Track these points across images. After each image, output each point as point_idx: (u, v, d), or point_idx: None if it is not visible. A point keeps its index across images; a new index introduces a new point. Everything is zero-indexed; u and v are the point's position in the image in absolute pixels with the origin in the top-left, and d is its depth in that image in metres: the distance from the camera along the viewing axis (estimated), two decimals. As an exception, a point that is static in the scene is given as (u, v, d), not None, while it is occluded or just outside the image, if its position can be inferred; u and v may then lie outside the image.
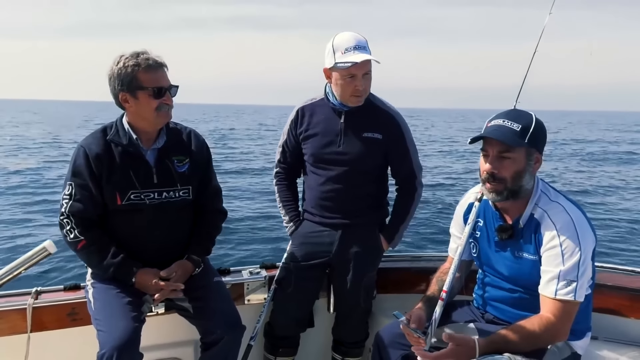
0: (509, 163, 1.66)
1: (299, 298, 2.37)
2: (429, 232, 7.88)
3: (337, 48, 2.11)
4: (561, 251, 1.61)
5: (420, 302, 1.93)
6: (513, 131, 1.64)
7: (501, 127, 1.66)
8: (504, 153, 1.66)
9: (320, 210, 2.32)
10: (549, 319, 1.61)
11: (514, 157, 1.66)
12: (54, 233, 6.15)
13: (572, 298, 1.59)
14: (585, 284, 1.62)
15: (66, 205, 1.95)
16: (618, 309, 2.12)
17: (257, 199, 10.51)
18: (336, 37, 2.15)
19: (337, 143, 2.23)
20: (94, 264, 2.00)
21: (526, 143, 1.64)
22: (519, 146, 1.65)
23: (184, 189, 2.05)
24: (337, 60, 2.11)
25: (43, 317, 2.09)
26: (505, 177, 1.67)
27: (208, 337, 2.03)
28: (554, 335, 1.62)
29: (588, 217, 1.69)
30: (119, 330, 1.80)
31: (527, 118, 1.68)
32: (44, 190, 11.36)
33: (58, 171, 14.03)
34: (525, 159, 1.67)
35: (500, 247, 1.81)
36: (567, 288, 1.59)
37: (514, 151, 1.65)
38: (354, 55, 2.08)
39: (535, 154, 1.69)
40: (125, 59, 1.90)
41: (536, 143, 1.68)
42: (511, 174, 1.66)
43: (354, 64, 2.07)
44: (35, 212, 9.17)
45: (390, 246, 2.38)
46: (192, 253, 2.10)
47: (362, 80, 2.13)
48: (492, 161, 1.68)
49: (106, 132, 2.00)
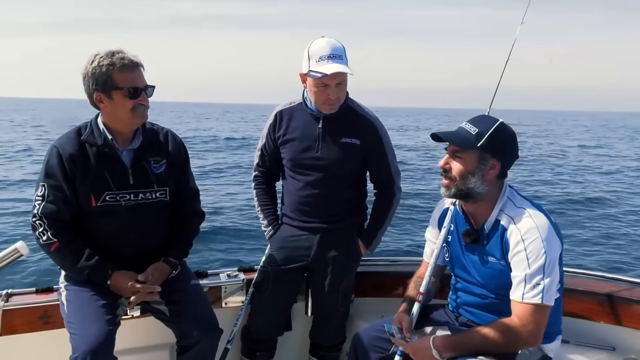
0: (458, 162, 1.75)
1: (277, 301, 2.36)
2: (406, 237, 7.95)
3: (312, 55, 2.11)
4: (526, 255, 1.65)
5: (403, 305, 1.96)
6: (469, 134, 1.73)
7: (461, 129, 1.76)
8: (457, 153, 1.75)
9: (299, 215, 2.32)
10: (513, 321, 1.64)
11: (465, 158, 1.74)
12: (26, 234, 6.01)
13: (539, 300, 1.62)
14: (553, 286, 1.65)
15: (39, 207, 1.91)
16: (588, 314, 2.17)
17: (236, 201, 10.45)
18: (313, 43, 2.14)
19: (315, 148, 2.24)
20: (67, 267, 1.96)
21: (478, 147, 1.71)
22: (468, 148, 1.72)
23: (161, 190, 2.03)
24: (311, 68, 2.11)
25: (14, 320, 2.04)
26: (454, 175, 1.75)
27: (184, 340, 2.01)
28: (521, 338, 1.64)
29: (554, 223, 1.73)
30: (93, 334, 1.77)
31: (487, 124, 1.74)
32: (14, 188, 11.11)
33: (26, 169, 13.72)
34: (476, 162, 1.73)
35: (469, 251, 1.85)
36: (533, 291, 1.62)
37: (464, 152, 1.74)
38: (327, 65, 2.08)
39: (491, 160, 1.73)
40: (100, 57, 1.87)
41: (492, 149, 1.72)
42: (459, 173, 1.74)
43: (325, 75, 2.08)
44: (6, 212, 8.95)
45: (369, 250, 2.39)
46: (169, 255, 2.07)
47: (335, 89, 2.13)
48: (447, 158, 1.78)
49: (80, 133, 1.96)
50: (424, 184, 13.20)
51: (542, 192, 12.47)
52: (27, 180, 11.95)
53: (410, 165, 16.80)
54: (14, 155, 17.98)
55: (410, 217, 9.06)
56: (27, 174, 12.99)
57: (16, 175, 13.23)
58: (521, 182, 13.44)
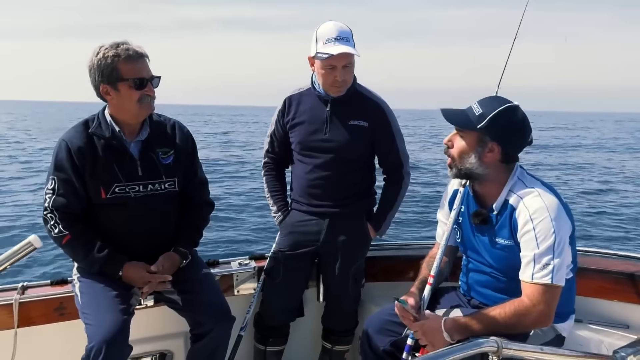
0: (458, 141, 1.75)
1: (288, 288, 2.38)
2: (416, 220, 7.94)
3: (320, 37, 2.13)
4: (535, 235, 1.63)
5: (414, 286, 1.95)
6: (472, 115, 1.71)
7: (469, 109, 1.74)
8: (459, 132, 1.75)
9: (308, 199, 2.32)
10: (523, 302, 1.63)
11: (465, 138, 1.73)
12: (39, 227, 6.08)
13: (549, 281, 1.60)
14: (563, 267, 1.63)
15: (49, 200, 1.93)
16: (601, 292, 2.16)
17: (245, 189, 10.47)
18: (321, 26, 2.16)
19: (323, 131, 2.24)
20: (79, 259, 1.98)
21: (477, 129, 1.68)
22: (467, 129, 1.71)
23: (170, 181, 2.04)
24: (318, 50, 2.13)
25: (30, 312, 2.07)
26: (453, 154, 1.76)
27: (198, 328, 2.03)
28: (532, 319, 1.63)
29: (565, 202, 1.70)
30: (108, 323, 1.79)
31: (493, 106, 1.69)
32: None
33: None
34: (475, 143, 1.71)
35: (479, 232, 1.84)
36: (543, 271, 1.61)
37: (465, 132, 1.73)
38: (334, 46, 2.09)
39: (490, 143, 1.70)
40: (105, 49, 1.86)
41: (493, 132, 1.68)
42: (457, 152, 1.75)
43: (332, 56, 2.09)
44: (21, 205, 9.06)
45: (378, 234, 2.39)
46: (179, 245, 2.08)
47: (342, 71, 2.14)
48: (452, 134, 1.78)
49: (88, 125, 1.97)
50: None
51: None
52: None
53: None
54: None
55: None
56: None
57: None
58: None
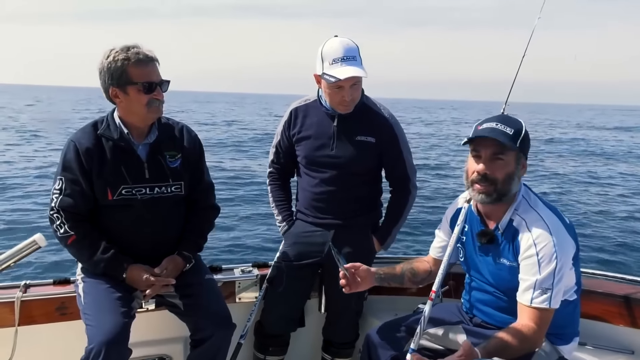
0: (501, 164, 1.67)
1: (290, 297, 2.37)
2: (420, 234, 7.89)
3: (326, 57, 2.09)
4: (537, 260, 1.62)
5: (381, 269, 1.96)
6: (507, 134, 1.66)
7: (495, 129, 1.67)
8: (498, 155, 1.66)
9: (313, 211, 2.31)
10: (526, 327, 1.63)
11: (507, 160, 1.67)
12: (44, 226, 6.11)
13: (547, 306, 1.61)
14: (561, 291, 1.63)
15: (56, 200, 1.94)
16: (606, 316, 2.13)
17: (250, 197, 10.48)
18: (326, 44, 2.11)
19: (330, 146, 2.23)
20: (84, 259, 1.99)
21: (517, 147, 1.67)
22: (512, 149, 1.66)
23: (176, 184, 2.04)
24: (325, 70, 2.09)
25: (32, 311, 2.07)
26: (497, 178, 1.67)
27: (198, 334, 2.02)
28: (531, 343, 1.63)
29: (568, 224, 1.70)
30: (108, 325, 1.79)
31: (518, 124, 1.71)
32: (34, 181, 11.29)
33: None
34: (515, 162, 1.69)
35: (483, 252, 1.83)
36: (542, 296, 1.61)
37: (506, 154, 1.66)
38: (340, 68, 2.05)
39: (522, 160, 1.71)
40: (116, 52, 1.88)
41: (524, 149, 1.70)
42: (503, 175, 1.67)
43: (339, 80, 2.05)
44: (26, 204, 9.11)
45: (383, 248, 2.38)
46: (183, 249, 2.09)
47: (349, 90, 2.11)
48: (486, 161, 1.68)
49: (97, 127, 1.99)
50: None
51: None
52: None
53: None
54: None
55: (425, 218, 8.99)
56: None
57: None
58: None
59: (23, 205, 9.09)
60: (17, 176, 12.03)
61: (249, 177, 12.49)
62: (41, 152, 16.52)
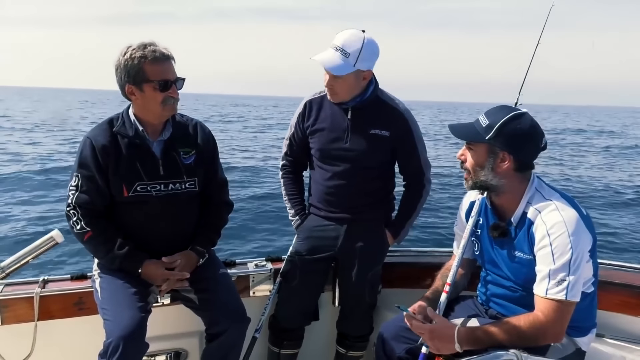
0: (471, 154, 1.74)
1: (304, 291, 2.38)
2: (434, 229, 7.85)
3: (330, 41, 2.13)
4: (551, 250, 1.60)
5: (423, 297, 1.93)
6: (479, 126, 1.69)
7: (476, 121, 1.72)
8: (470, 145, 1.74)
9: (326, 205, 2.31)
10: (538, 317, 1.61)
11: (476, 150, 1.72)
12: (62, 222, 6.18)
13: (563, 297, 1.58)
14: (579, 283, 1.60)
15: (73, 197, 1.96)
16: (625, 307, 2.11)
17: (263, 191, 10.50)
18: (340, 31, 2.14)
19: (343, 139, 2.22)
20: (100, 255, 2.01)
21: (486, 140, 1.66)
22: (476, 141, 1.70)
23: (190, 181, 2.06)
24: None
25: (50, 306, 2.11)
26: (467, 168, 1.75)
27: (213, 328, 2.04)
28: (544, 334, 1.61)
29: (585, 215, 1.67)
30: (126, 320, 1.81)
31: (499, 116, 1.67)
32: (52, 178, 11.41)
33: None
34: (486, 155, 1.69)
35: (498, 245, 1.81)
36: (557, 287, 1.59)
37: (474, 145, 1.72)
38: (323, 52, 2.09)
39: (500, 153, 1.67)
40: (132, 50, 1.89)
41: (502, 142, 1.65)
42: (470, 165, 1.74)
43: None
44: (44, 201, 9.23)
45: (396, 242, 2.38)
46: (196, 244, 2.10)
47: (329, 78, 2.13)
48: (463, 149, 1.77)
49: (112, 124, 2.00)
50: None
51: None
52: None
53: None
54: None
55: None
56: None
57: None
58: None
59: (40, 201, 9.22)
60: (33, 172, 12.18)
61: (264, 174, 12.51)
62: (64, 145, 16.68)
